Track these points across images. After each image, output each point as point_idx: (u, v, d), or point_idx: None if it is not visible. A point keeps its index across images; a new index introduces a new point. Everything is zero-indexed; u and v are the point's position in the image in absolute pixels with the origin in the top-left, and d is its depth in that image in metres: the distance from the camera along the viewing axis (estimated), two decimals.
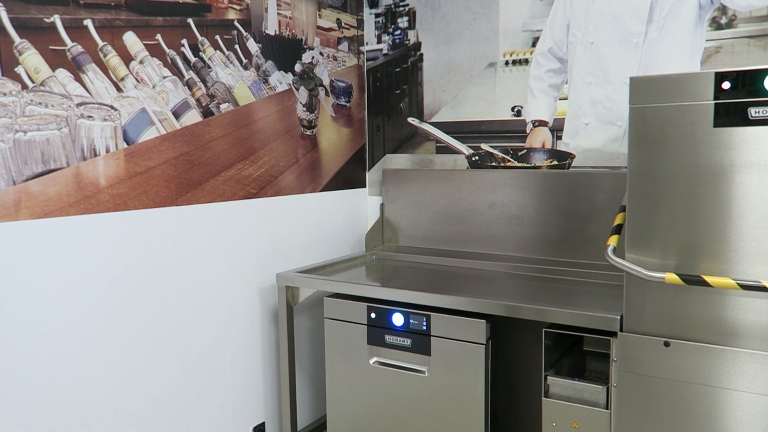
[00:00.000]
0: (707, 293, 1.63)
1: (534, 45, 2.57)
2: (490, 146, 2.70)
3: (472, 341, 2.02)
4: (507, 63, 2.64)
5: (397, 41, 2.91)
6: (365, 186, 3.04)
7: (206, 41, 2.20)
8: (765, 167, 1.53)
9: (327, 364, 2.32)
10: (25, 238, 1.68)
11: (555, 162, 2.55)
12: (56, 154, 1.74)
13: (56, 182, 1.74)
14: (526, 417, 2.35)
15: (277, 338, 2.55)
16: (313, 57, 2.69)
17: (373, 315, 2.19)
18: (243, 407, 2.41)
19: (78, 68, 1.80)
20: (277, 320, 2.55)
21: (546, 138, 2.57)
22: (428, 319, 2.09)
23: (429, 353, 2.10)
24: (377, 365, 2.21)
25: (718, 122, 1.57)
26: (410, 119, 2.91)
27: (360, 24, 2.96)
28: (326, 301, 2.30)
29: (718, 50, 2.22)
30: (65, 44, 1.77)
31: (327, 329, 2.31)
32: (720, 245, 1.60)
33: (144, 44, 1.99)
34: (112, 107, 1.89)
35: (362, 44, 2.99)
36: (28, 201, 1.68)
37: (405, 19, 2.88)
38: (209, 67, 2.21)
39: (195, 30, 2.16)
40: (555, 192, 2.48)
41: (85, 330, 1.84)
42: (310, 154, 2.69)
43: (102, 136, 1.86)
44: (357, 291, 2.20)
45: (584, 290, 2.12)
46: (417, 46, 2.86)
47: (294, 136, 2.59)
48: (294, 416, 2.43)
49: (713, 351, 1.62)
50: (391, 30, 2.92)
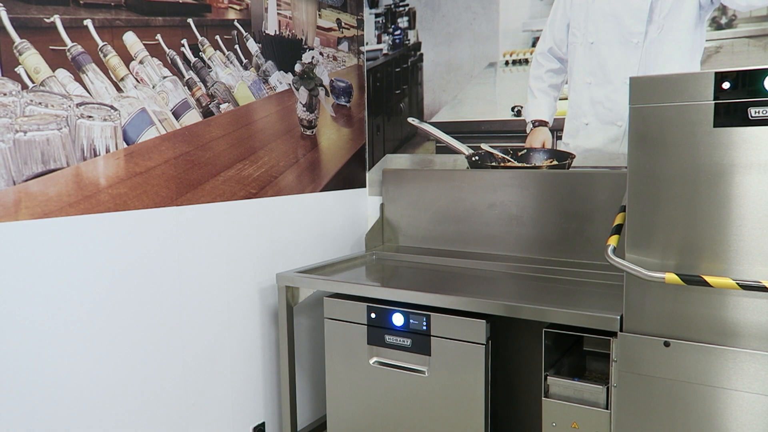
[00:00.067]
0: (707, 293, 1.63)
1: (534, 45, 2.57)
2: (490, 146, 2.70)
3: (472, 341, 2.02)
4: (507, 63, 2.64)
5: (397, 41, 2.91)
6: (365, 186, 3.04)
7: (206, 41, 2.20)
8: (765, 167, 1.53)
9: (327, 364, 2.32)
10: (25, 238, 1.68)
11: (555, 162, 2.55)
12: (56, 154, 1.74)
13: (56, 182, 1.74)
14: (526, 417, 2.35)
15: (277, 338, 2.55)
16: (313, 57, 2.69)
17: (373, 315, 2.19)
18: (243, 407, 2.41)
19: (78, 68, 1.80)
20: (277, 320, 2.55)
21: (546, 138, 2.57)
22: (428, 319, 2.09)
23: (429, 353, 2.10)
24: (377, 365, 2.21)
25: (718, 122, 1.57)
26: (410, 119, 2.91)
27: (360, 24, 2.96)
28: (326, 301, 2.30)
29: (718, 50, 2.22)
30: (65, 44, 1.77)
31: (327, 329, 2.31)
32: (720, 245, 1.60)
33: (144, 44, 1.99)
34: (112, 107, 1.89)
35: (362, 44, 2.99)
36: (28, 201, 1.68)
37: (405, 19, 2.88)
38: (209, 67, 2.21)
39: (195, 30, 2.16)
40: (555, 192, 2.48)
41: (85, 330, 1.84)
42: (310, 154, 2.69)
43: (102, 136, 1.86)
44: (357, 291, 2.20)
45: (584, 290, 2.12)
46: (417, 46, 2.86)
47: (294, 136, 2.59)
48: (294, 416, 2.43)
49: (713, 351, 1.62)
50: (391, 30, 2.92)
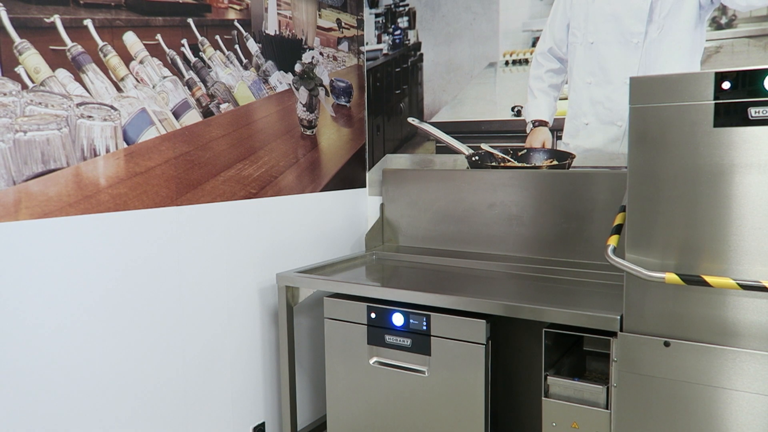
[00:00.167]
0: (707, 293, 1.63)
1: (534, 45, 2.57)
2: (490, 146, 2.70)
3: (472, 341, 2.02)
4: (507, 63, 2.64)
5: (397, 41, 2.91)
6: (365, 186, 3.04)
7: (206, 41, 2.20)
8: (765, 167, 1.53)
9: (327, 364, 2.32)
10: (25, 238, 1.68)
11: (555, 162, 2.55)
12: (56, 154, 1.74)
13: (56, 182, 1.74)
14: (526, 417, 2.35)
15: (277, 338, 2.55)
16: (313, 57, 2.69)
17: (373, 315, 2.19)
18: (243, 407, 2.41)
19: (78, 68, 1.80)
20: (277, 320, 2.55)
21: (546, 138, 2.57)
22: (428, 319, 2.09)
23: (429, 353, 2.10)
24: (377, 365, 2.21)
25: (718, 122, 1.57)
26: (410, 119, 2.91)
27: (360, 24, 2.96)
28: (326, 301, 2.30)
29: (718, 50, 2.22)
30: (65, 44, 1.77)
31: (327, 329, 2.31)
32: (720, 245, 1.60)
33: (144, 44, 1.99)
34: (112, 107, 1.89)
35: (362, 44, 2.99)
36: (28, 201, 1.68)
37: (405, 19, 2.88)
38: (209, 67, 2.21)
39: (195, 30, 2.16)
40: (555, 192, 2.48)
41: (86, 330, 1.84)
42: (310, 154, 2.69)
43: (102, 136, 1.86)
44: (357, 291, 2.20)
45: (584, 290, 2.12)
46: (417, 46, 2.86)
47: (294, 136, 2.59)
48: (294, 416, 2.43)
49: (713, 351, 1.62)
50: (391, 30, 2.92)
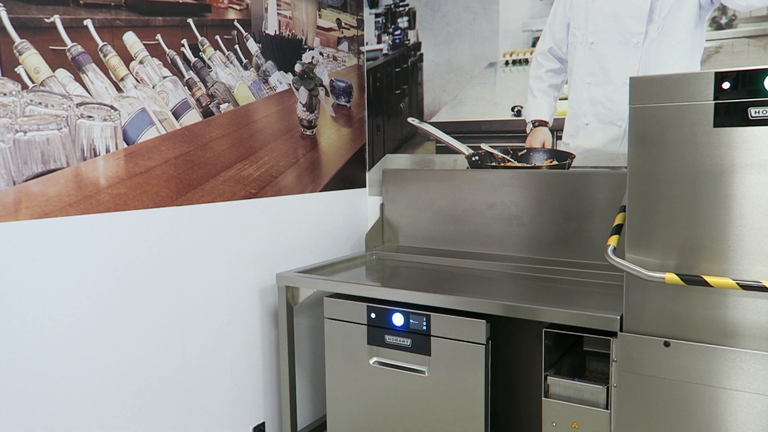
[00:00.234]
0: (707, 293, 1.63)
1: (534, 45, 2.57)
2: (490, 146, 2.70)
3: (472, 341, 2.02)
4: (507, 63, 2.64)
5: (397, 41, 2.91)
6: (365, 186, 3.04)
7: (206, 41, 2.20)
8: (765, 167, 1.53)
9: (327, 364, 2.32)
10: (25, 238, 1.68)
11: (555, 162, 2.55)
12: (56, 154, 1.74)
13: (56, 182, 1.74)
14: (526, 417, 2.35)
15: (277, 338, 2.55)
16: (313, 57, 2.69)
17: (373, 315, 2.19)
18: (243, 407, 2.41)
19: (78, 68, 1.80)
20: (277, 320, 2.55)
21: (546, 138, 2.57)
22: (428, 319, 2.09)
23: (429, 353, 2.10)
24: (377, 365, 2.21)
25: (718, 122, 1.57)
26: (410, 119, 2.91)
27: (360, 24, 2.96)
28: (326, 301, 2.30)
29: (718, 50, 2.22)
30: (65, 44, 1.77)
31: (327, 329, 2.31)
32: (720, 245, 1.60)
33: (144, 44, 1.99)
34: (112, 107, 1.89)
35: (362, 44, 2.99)
36: (28, 201, 1.68)
37: (405, 19, 2.88)
38: (209, 67, 2.21)
39: (195, 30, 2.16)
40: (555, 192, 2.48)
41: (85, 330, 1.84)
42: (310, 154, 2.69)
43: (102, 136, 1.86)
44: (357, 291, 2.20)
45: (584, 290, 2.12)
46: (417, 46, 2.86)
47: (294, 136, 2.59)
48: (294, 416, 2.43)
49: (713, 351, 1.62)
50: (391, 30, 2.92)
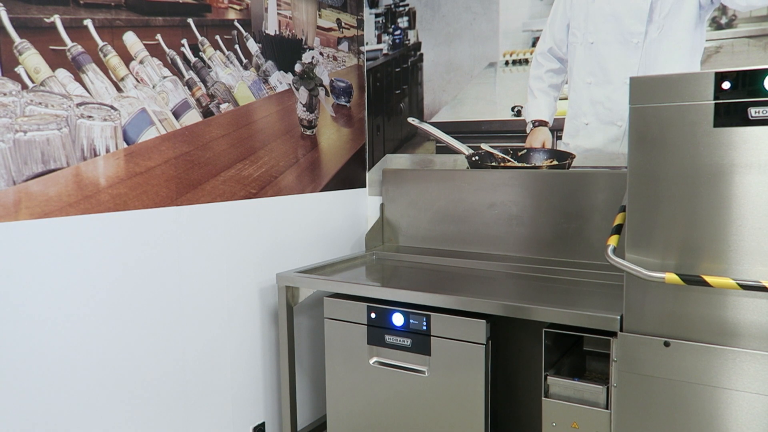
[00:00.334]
0: (707, 293, 1.63)
1: (534, 45, 2.57)
2: (490, 146, 2.70)
3: (472, 341, 2.02)
4: (507, 63, 2.64)
5: (397, 41, 2.91)
6: (365, 186, 3.04)
7: (206, 41, 2.20)
8: (765, 167, 1.53)
9: (327, 364, 2.32)
10: (25, 238, 1.68)
11: (555, 162, 2.55)
12: (56, 154, 1.74)
13: (56, 182, 1.74)
14: (526, 417, 2.35)
15: (277, 338, 2.55)
16: (313, 57, 2.69)
17: (373, 315, 2.19)
18: (243, 407, 2.41)
19: (78, 68, 1.80)
20: (277, 320, 2.55)
21: (546, 138, 2.57)
22: (428, 319, 2.09)
23: (429, 353, 2.10)
24: (377, 365, 2.21)
25: (718, 122, 1.57)
26: (410, 119, 2.91)
27: (360, 24, 2.96)
28: (326, 301, 2.30)
29: (718, 50, 2.22)
30: (65, 44, 1.77)
31: (327, 329, 2.31)
32: (720, 245, 1.60)
33: (144, 44, 1.99)
34: (112, 107, 1.89)
35: (362, 44, 2.99)
36: (28, 201, 1.68)
37: (405, 19, 2.88)
38: (209, 67, 2.21)
39: (195, 30, 2.16)
40: (555, 192, 2.48)
41: (85, 330, 1.84)
42: (310, 154, 2.69)
43: (102, 136, 1.86)
44: (357, 291, 2.20)
45: (584, 290, 2.12)
46: (417, 46, 2.86)
47: (294, 136, 2.59)
48: (294, 416, 2.43)
49: (713, 351, 1.62)
50: (391, 30, 2.92)
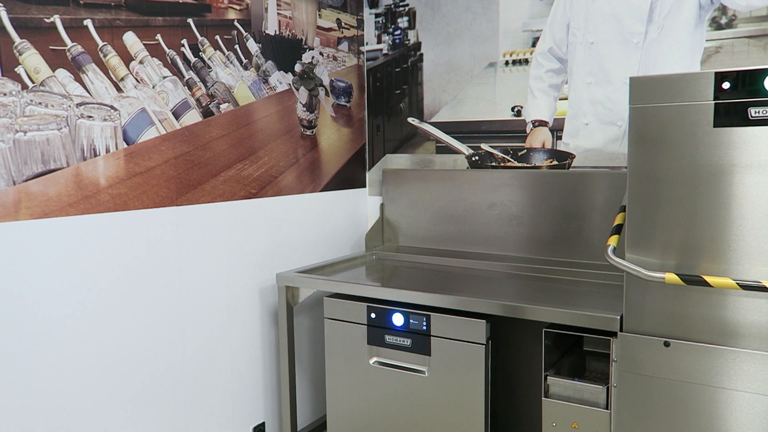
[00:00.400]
0: (707, 293, 1.63)
1: (534, 45, 2.57)
2: (490, 146, 2.70)
3: (472, 341, 2.02)
4: (507, 63, 2.64)
5: (397, 41, 2.91)
6: (365, 186, 3.04)
7: (206, 41, 2.20)
8: (765, 167, 1.53)
9: (327, 364, 2.32)
10: (25, 238, 1.68)
11: (555, 162, 2.55)
12: (56, 154, 1.74)
13: (56, 182, 1.74)
14: (526, 417, 2.35)
15: (277, 338, 2.55)
16: (313, 57, 2.69)
17: (373, 315, 2.19)
18: (243, 407, 2.41)
19: (78, 68, 1.80)
20: (277, 320, 2.55)
21: (546, 138, 2.57)
22: (428, 319, 2.09)
23: (429, 353, 2.10)
24: (377, 365, 2.21)
25: (718, 122, 1.57)
26: (410, 119, 2.91)
27: (360, 24, 2.96)
28: (326, 301, 2.30)
29: (718, 50, 2.22)
30: (65, 44, 1.77)
31: (327, 329, 2.31)
32: (720, 245, 1.60)
33: (144, 44, 1.99)
34: (112, 107, 1.89)
35: (362, 44, 2.99)
36: (28, 201, 1.68)
37: (405, 19, 2.88)
38: (209, 67, 2.21)
39: (195, 30, 2.16)
40: (555, 192, 2.48)
41: (85, 330, 1.84)
42: (310, 154, 2.69)
43: (102, 136, 1.86)
44: (357, 291, 2.20)
45: (584, 290, 2.12)
46: (417, 46, 2.86)
47: (294, 136, 2.59)
48: (294, 416, 2.43)
49: (713, 351, 1.62)
50: (391, 30, 2.92)
